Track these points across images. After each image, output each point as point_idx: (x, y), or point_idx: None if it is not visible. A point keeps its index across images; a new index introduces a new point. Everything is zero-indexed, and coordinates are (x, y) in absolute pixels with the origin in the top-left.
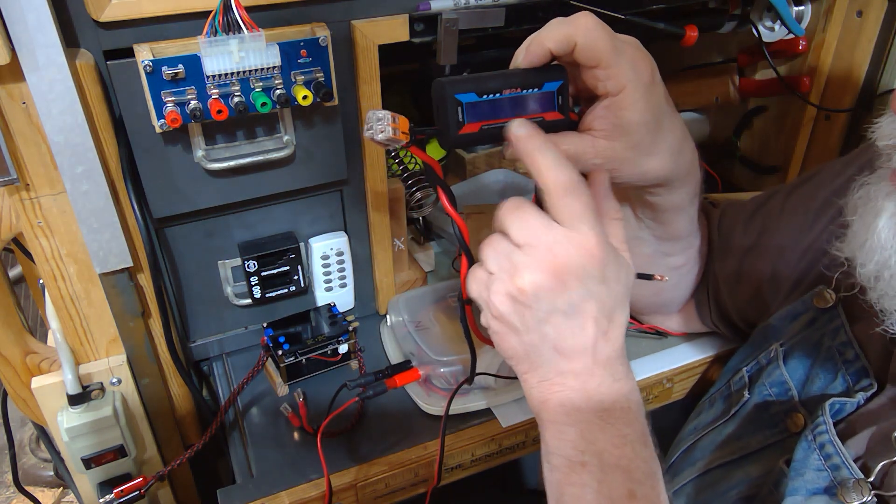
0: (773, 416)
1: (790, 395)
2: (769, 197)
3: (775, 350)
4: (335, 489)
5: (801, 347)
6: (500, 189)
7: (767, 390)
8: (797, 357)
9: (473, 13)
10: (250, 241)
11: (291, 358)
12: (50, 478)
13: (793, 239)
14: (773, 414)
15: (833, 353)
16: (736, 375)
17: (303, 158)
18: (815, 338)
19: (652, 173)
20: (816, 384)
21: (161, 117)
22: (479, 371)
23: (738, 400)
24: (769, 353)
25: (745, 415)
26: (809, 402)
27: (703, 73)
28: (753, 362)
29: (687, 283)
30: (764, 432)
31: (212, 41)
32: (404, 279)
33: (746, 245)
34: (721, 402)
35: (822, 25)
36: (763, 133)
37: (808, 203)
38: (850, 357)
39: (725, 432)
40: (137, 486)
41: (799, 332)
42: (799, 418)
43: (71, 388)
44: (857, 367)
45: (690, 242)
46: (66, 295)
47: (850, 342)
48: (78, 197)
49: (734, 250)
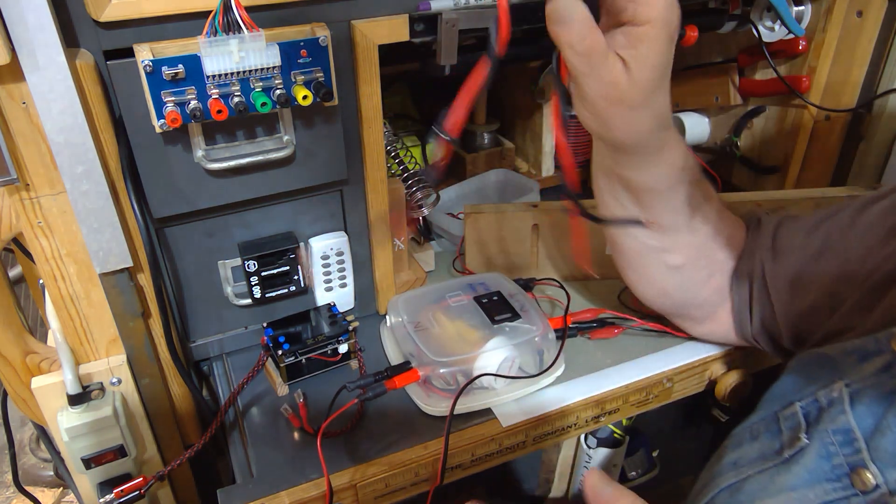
0: (836, 468)
1: (857, 447)
2: (837, 210)
3: (840, 391)
4: (335, 489)
5: (873, 394)
6: (500, 189)
7: (829, 437)
8: (866, 404)
9: (473, 13)
10: (250, 241)
11: (291, 358)
12: (50, 478)
13: (861, 253)
14: (836, 466)
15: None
16: (787, 409)
17: (303, 158)
18: (889, 386)
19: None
20: (889, 437)
21: (161, 117)
22: (479, 372)
23: (792, 443)
24: (831, 391)
25: (803, 462)
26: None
27: (703, 73)
28: (811, 399)
29: (696, 289)
30: (824, 486)
31: (212, 41)
32: (404, 279)
33: (811, 251)
34: (768, 437)
35: (822, 25)
36: (763, 133)
37: (885, 219)
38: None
39: (778, 479)
40: (137, 486)
41: (871, 376)
42: (867, 476)
43: (71, 388)
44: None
45: (686, 240)
46: (66, 295)
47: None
48: (78, 197)
49: (795, 254)
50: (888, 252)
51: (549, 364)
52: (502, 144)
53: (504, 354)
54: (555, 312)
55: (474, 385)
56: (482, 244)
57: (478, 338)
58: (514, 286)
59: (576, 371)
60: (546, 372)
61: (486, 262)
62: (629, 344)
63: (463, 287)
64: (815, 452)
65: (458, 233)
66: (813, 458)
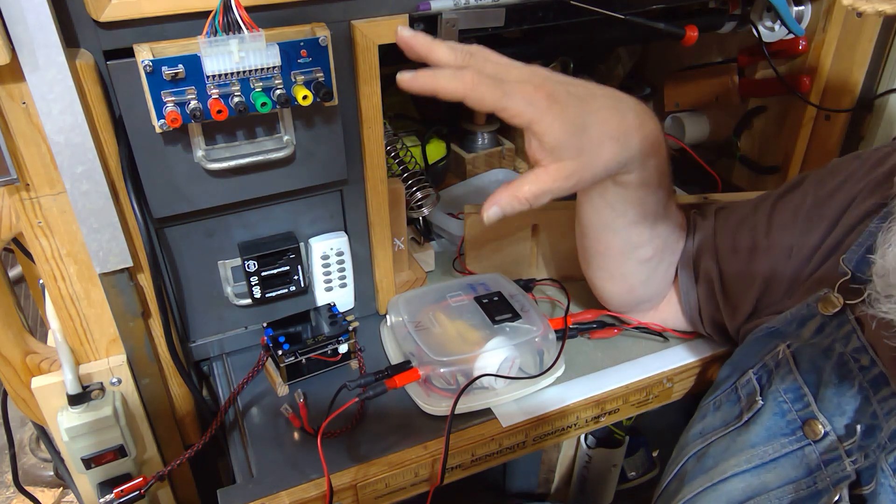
0: (790, 423)
1: (806, 401)
2: (754, 208)
3: (783, 352)
4: (335, 489)
5: (812, 352)
6: None
7: (782, 396)
8: (808, 362)
9: (473, 13)
10: (250, 241)
11: (291, 358)
12: (50, 478)
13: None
14: (790, 421)
15: (847, 359)
16: (742, 377)
17: (303, 158)
18: (825, 344)
19: (612, 163)
20: (832, 389)
21: (161, 117)
22: (479, 372)
23: (750, 406)
24: (776, 355)
25: (760, 422)
26: (826, 409)
27: (703, 73)
28: (760, 364)
29: (657, 280)
30: (780, 440)
31: (212, 41)
32: (404, 279)
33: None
34: (728, 405)
35: (822, 25)
36: (763, 133)
37: (796, 215)
38: (867, 363)
39: (739, 439)
40: (137, 486)
41: (808, 339)
42: (817, 426)
43: (71, 388)
44: (874, 374)
45: (658, 232)
46: (66, 295)
47: (864, 347)
48: (78, 197)
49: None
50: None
51: (549, 364)
52: (502, 144)
53: (504, 355)
54: (555, 313)
55: (474, 385)
56: (482, 244)
57: (478, 338)
58: (515, 286)
59: (576, 371)
60: (546, 372)
61: (486, 262)
62: (629, 344)
63: (463, 287)
64: (770, 411)
65: (458, 233)
66: (769, 416)
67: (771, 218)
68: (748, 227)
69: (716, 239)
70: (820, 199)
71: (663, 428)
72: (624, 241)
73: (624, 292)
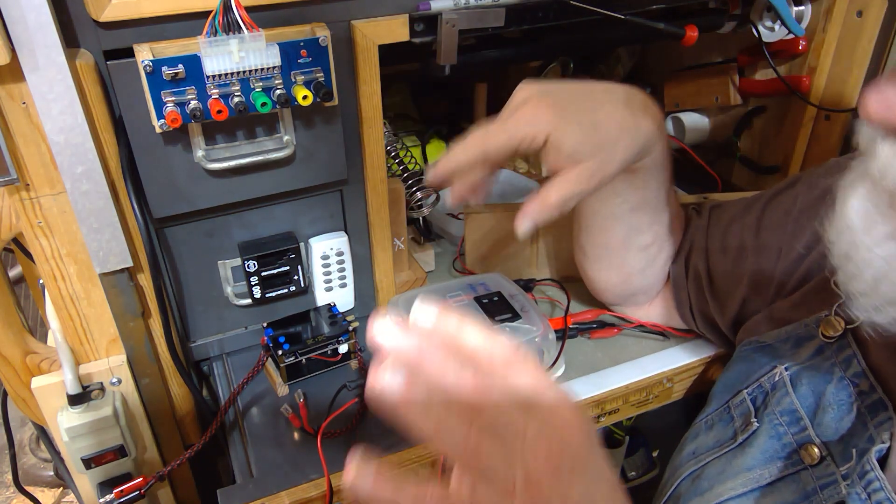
0: (785, 446)
1: (802, 424)
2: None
3: (780, 374)
4: (335, 489)
5: (810, 375)
6: (500, 189)
7: (777, 419)
8: (806, 385)
9: (473, 13)
10: (250, 241)
11: (291, 358)
12: (50, 478)
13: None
14: (785, 444)
15: (846, 384)
16: (735, 397)
17: (303, 158)
18: (824, 367)
19: (629, 152)
20: (829, 414)
21: (161, 117)
22: None
23: (745, 428)
24: (773, 376)
25: (756, 444)
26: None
27: (703, 73)
28: (756, 385)
29: (654, 271)
30: (776, 463)
31: (212, 41)
32: (404, 279)
33: (732, 253)
34: (722, 426)
35: (822, 25)
36: (763, 133)
37: (786, 216)
38: (866, 388)
39: (735, 462)
40: (137, 486)
41: (807, 360)
42: (813, 450)
43: (71, 388)
44: (873, 400)
45: (659, 218)
46: (66, 295)
47: (864, 373)
48: (78, 197)
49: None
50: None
51: (549, 364)
52: None
53: None
54: (555, 313)
55: None
56: (482, 244)
57: None
58: (515, 287)
59: (576, 371)
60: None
61: (486, 263)
62: (629, 344)
63: (463, 287)
64: (766, 434)
65: (458, 233)
66: (764, 438)
67: (761, 218)
68: (738, 227)
69: (707, 237)
70: (810, 202)
71: (663, 428)
72: (626, 227)
73: (620, 282)
